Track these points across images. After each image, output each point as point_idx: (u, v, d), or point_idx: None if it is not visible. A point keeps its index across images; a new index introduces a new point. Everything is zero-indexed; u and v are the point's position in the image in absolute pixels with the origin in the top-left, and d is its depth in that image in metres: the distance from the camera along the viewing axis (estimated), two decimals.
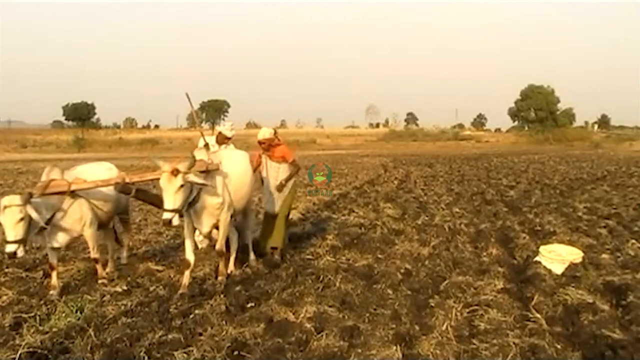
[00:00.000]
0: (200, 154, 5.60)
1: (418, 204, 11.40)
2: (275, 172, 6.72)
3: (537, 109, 72.78)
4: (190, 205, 5.37)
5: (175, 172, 4.99)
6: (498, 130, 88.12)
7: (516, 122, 79.61)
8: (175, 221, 5.02)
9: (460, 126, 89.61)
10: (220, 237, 5.78)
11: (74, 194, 5.30)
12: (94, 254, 5.70)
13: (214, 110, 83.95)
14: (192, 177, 5.14)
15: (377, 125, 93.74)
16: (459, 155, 35.29)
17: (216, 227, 5.81)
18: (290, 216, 7.50)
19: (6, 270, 6.16)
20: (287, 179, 6.71)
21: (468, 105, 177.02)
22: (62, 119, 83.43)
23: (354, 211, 10.28)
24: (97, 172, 5.75)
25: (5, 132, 69.64)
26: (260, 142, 6.65)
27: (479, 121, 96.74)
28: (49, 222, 5.13)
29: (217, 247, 5.82)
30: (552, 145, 57.00)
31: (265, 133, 6.68)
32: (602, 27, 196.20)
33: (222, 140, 6.84)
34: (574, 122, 75.73)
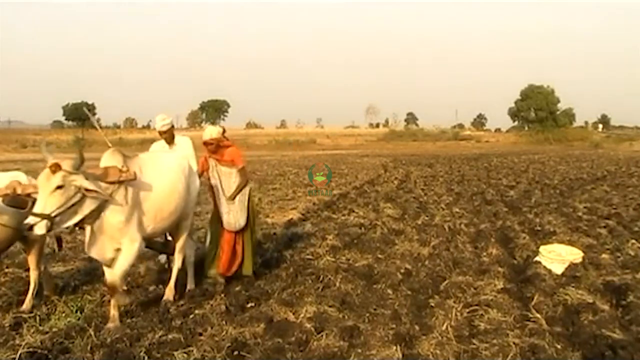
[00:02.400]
0: (113, 159, 4.52)
1: (418, 204, 11.40)
2: (228, 178, 5.68)
3: (537, 109, 72.71)
4: (84, 222, 4.32)
5: (54, 168, 4.02)
6: (498, 130, 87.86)
7: (516, 122, 79.57)
8: (40, 229, 3.93)
9: (460, 126, 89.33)
10: (116, 267, 4.54)
11: None
12: None
13: (214, 110, 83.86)
14: (80, 181, 4.12)
15: (377, 125, 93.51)
16: (459, 155, 35.26)
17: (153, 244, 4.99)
18: (261, 233, 7.10)
19: (6, 270, 6.15)
20: (236, 192, 5.65)
21: (468, 105, 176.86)
22: (62, 119, 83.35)
23: (354, 211, 10.28)
24: None
25: (5, 132, 69.44)
26: (206, 143, 5.65)
27: (479, 121, 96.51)
28: None
29: (109, 279, 4.57)
30: (552, 145, 56.97)
31: (212, 132, 5.68)
32: (602, 27, 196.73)
33: (169, 139, 5.98)
34: (574, 122, 75.80)
